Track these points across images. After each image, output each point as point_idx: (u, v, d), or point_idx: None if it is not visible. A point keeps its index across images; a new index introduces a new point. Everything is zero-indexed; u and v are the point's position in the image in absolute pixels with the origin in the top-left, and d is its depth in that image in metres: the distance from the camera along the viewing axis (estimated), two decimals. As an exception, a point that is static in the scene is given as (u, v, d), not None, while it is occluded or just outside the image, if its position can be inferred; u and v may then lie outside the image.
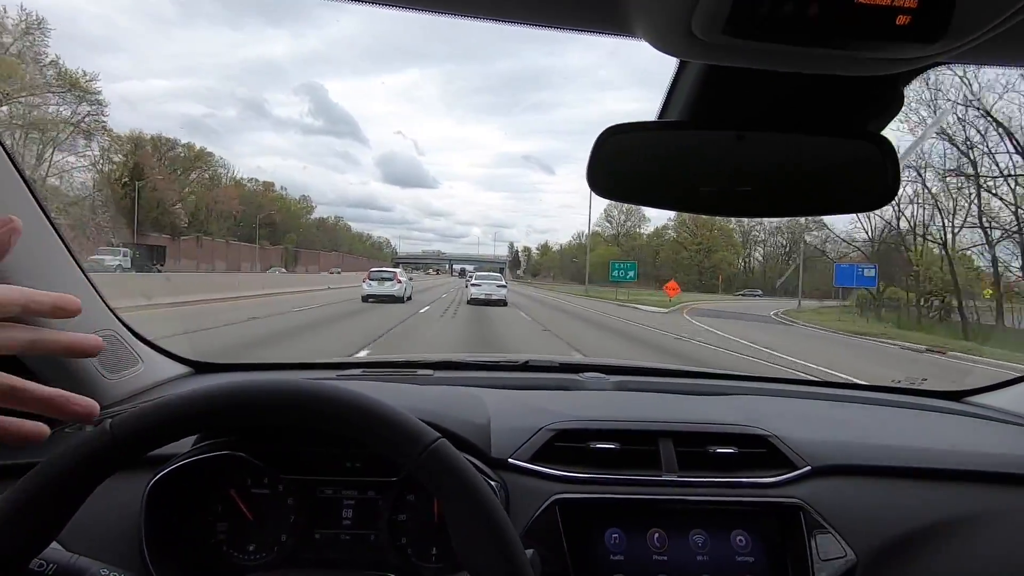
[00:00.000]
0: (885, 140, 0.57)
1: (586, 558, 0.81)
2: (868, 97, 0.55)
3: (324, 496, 0.85)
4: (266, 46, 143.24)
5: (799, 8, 0.35)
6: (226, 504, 0.84)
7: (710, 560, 0.82)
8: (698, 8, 0.37)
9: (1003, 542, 0.87)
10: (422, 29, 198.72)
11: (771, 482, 0.87)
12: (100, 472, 0.48)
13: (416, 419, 0.49)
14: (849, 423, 1.13)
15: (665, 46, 0.43)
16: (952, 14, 0.36)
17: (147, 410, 0.50)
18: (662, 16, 0.40)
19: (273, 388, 0.52)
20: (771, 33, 0.37)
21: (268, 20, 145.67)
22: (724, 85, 0.54)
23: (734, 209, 0.64)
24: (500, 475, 0.84)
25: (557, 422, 0.92)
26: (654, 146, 0.61)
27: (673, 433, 0.92)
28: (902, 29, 0.36)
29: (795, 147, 0.58)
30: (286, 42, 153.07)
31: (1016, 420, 1.18)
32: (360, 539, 0.84)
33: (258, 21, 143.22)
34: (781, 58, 0.42)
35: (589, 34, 0.46)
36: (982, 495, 0.92)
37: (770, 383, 1.41)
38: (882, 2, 0.36)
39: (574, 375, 1.27)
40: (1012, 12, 0.35)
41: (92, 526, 0.72)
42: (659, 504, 0.85)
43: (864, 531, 0.84)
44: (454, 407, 0.96)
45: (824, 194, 0.61)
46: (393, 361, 1.41)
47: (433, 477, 0.46)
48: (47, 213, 0.87)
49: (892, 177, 0.57)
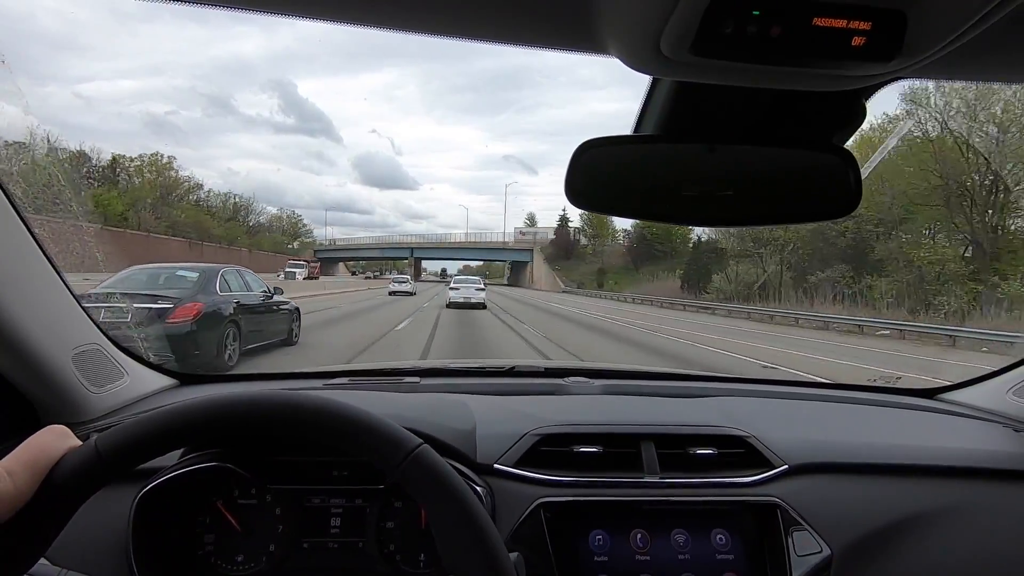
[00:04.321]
0: (847, 152, 0.59)
1: (571, 560, 0.82)
2: (832, 110, 0.57)
3: (311, 505, 0.85)
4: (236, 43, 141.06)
5: (762, 29, 0.38)
6: (214, 515, 0.84)
7: (691, 559, 0.84)
8: (666, 29, 0.38)
9: (973, 535, 0.90)
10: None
11: (749, 481, 0.89)
12: (87, 489, 0.49)
13: (398, 426, 0.50)
14: (825, 422, 1.16)
15: (636, 64, 0.45)
16: (905, 34, 0.38)
17: (132, 426, 0.51)
18: (632, 36, 0.42)
19: (256, 401, 0.53)
20: (736, 52, 0.39)
21: (233, 17, 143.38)
22: (695, 100, 0.56)
23: (707, 219, 0.66)
24: (486, 480, 0.86)
25: (542, 427, 0.94)
26: (629, 159, 0.63)
27: (655, 436, 0.94)
28: (858, 49, 0.39)
29: (764, 159, 0.61)
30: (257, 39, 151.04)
31: (986, 416, 1.22)
32: (348, 547, 0.84)
33: (223, 16, 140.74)
34: (746, 75, 0.44)
35: (562, 52, 0.48)
36: (953, 489, 0.95)
37: (750, 384, 1.44)
38: (838, 24, 0.38)
39: (559, 380, 1.29)
40: (962, 31, 0.37)
41: (80, 540, 0.72)
42: (641, 505, 0.87)
43: (839, 527, 0.87)
44: (440, 414, 0.97)
45: (792, 204, 0.64)
46: (379, 369, 1.41)
47: (416, 483, 0.47)
48: (30, 227, 0.87)
49: (855, 187, 0.60)
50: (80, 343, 0.95)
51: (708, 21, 0.37)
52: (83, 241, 3.07)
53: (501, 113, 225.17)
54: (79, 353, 0.93)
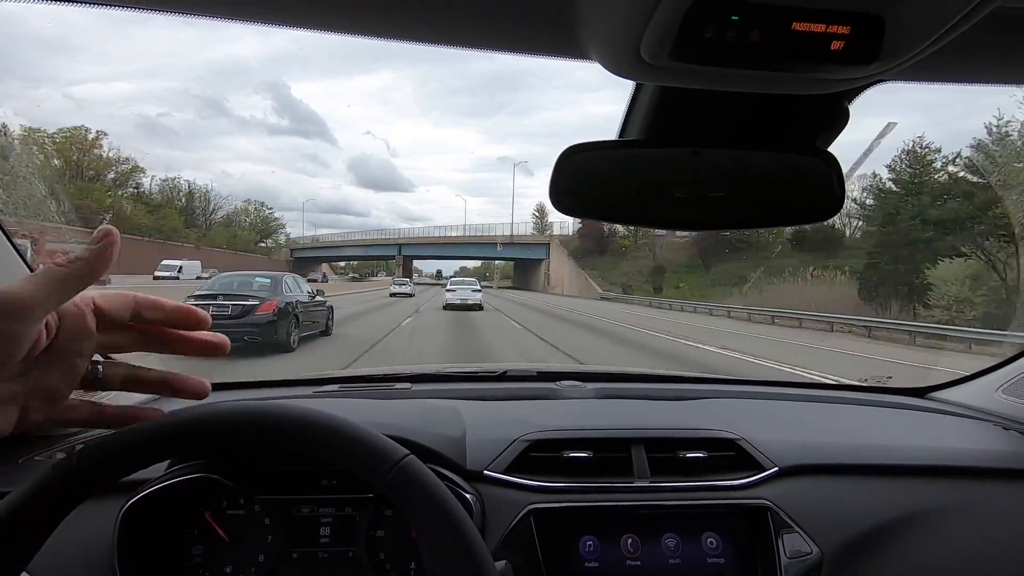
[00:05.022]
0: (830, 155, 0.59)
1: (561, 566, 0.82)
2: (815, 114, 0.57)
3: (301, 515, 0.84)
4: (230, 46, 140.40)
5: (741, 34, 0.38)
6: (201, 527, 0.83)
7: (682, 563, 0.83)
8: (646, 35, 0.38)
9: (964, 534, 0.91)
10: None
11: (739, 484, 0.89)
12: (67, 503, 0.48)
13: (383, 437, 0.49)
14: (816, 423, 1.16)
15: (617, 69, 0.45)
16: (884, 37, 0.39)
17: (112, 439, 0.50)
18: (613, 42, 0.42)
19: (240, 412, 0.52)
20: (716, 57, 0.39)
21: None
22: (678, 104, 0.56)
23: (692, 223, 0.66)
24: (476, 487, 0.85)
25: (531, 432, 0.94)
26: (614, 164, 0.63)
27: (645, 440, 0.94)
28: (838, 52, 0.39)
29: (748, 162, 0.61)
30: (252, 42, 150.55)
31: (976, 414, 1.23)
32: (338, 556, 0.83)
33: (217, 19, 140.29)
34: (727, 79, 0.44)
35: (545, 58, 0.48)
36: (944, 489, 0.95)
37: (741, 386, 1.44)
38: (816, 29, 0.38)
39: (551, 384, 1.29)
40: (940, 34, 0.38)
41: (64, 554, 0.71)
42: (632, 510, 0.86)
43: (830, 528, 0.86)
44: (430, 421, 0.96)
45: (776, 207, 0.64)
46: (370, 375, 1.41)
47: (401, 494, 0.47)
48: (6, 231, 0.85)
49: (839, 190, 0.60)
50: None
51: (687, 26, 0.37)
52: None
53: (497, 116, 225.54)
54: None
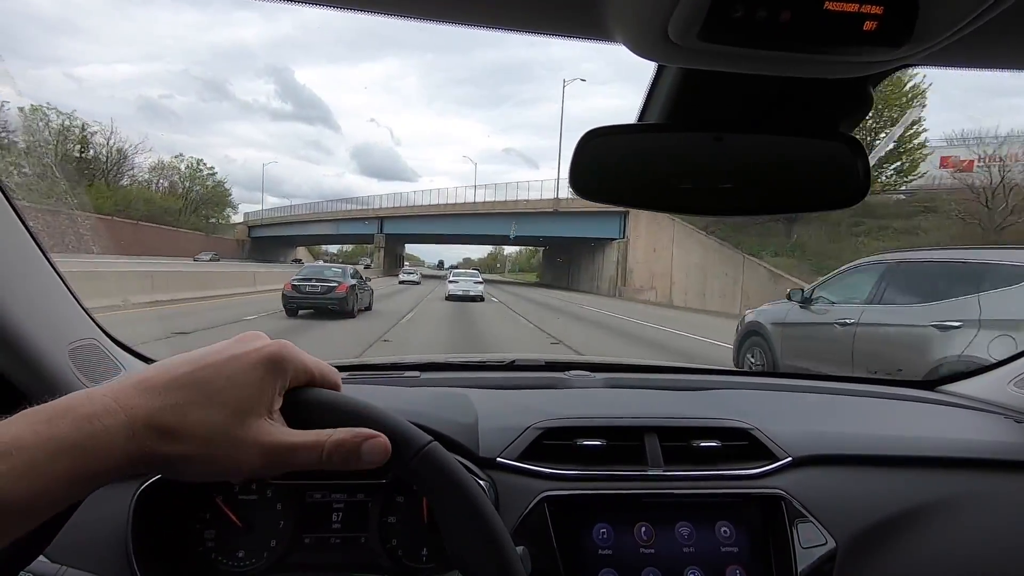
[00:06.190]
0: (855, 140, 0.58)
1: (575, 553, 0.82)
2: (839, 98, 0.56)
3: (313, 500, 0.85)
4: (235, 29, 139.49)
5: (771, 14, 0.37)
6: (214, 511, 0.83)
7: (696, 551, 0.83)
8: (674, 14, 0.37)
9: (976, 525, 0.90)
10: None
11: (753, 474, 0.89)
12: None
13: (408, 422, 0.49)
14: (827, 414, 1.16)
15: (643, 51, 0.44)
16: (917, 19, 0.38)
17: None
18: (639, 22, 0.41)
19: None
20: (745, 38, 0.38)
21: (233, 2, 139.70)
22: (701, 88, 0.55)
23: (713, 208, 0.66)
24: (489, 474, 0.85)
25: (544, 420, 0.93)
26: (634, 148, 0.62)
27: (658, 428, 0.93)
28: (869, 34, 0.38)
29: (771, 147, 0.60)
30: (257, 26, 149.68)
31: (987, 407, 1.22)
32: (350, 542, 0.84)
33: (222, 1, 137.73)
34: (754, 62, 0.43)
35: (567, 39, 0.47)
36: (955, 481, 0.95)
37: (752, 377, 1.44)
38: (849, 8, 0.37)
39: (560, 373, 1.28)
40: (974, 16, 0.37)
41: (79, 537, 0.71)
42: (645, 498, 0.86)
43: (843, 518, 0.86)
44: (442, 408, 0.96)
45: (799, 192, 0.63)
46: (379, 363, 1.41)
47: (425, 480, 0.47)
48: (21, 216, 0.85)
49: (863, 176, 0.59)
50: (76, 337, 0.94)
51: (717, 5, 0.36)
52: None
53: (502, 107, 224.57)
54: (75, 348, 0.92)
